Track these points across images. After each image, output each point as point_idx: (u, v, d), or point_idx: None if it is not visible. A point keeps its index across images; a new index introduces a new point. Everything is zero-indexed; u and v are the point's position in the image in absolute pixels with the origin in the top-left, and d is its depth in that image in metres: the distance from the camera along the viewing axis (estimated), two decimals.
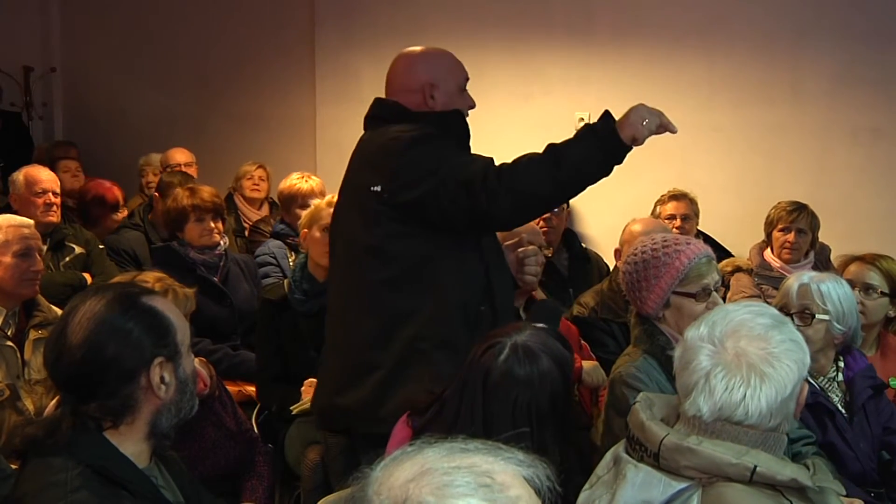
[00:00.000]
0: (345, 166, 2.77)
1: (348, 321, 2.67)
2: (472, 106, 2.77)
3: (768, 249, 4.27)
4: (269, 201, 5.56)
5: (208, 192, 4.00)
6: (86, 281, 4.12)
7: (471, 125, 2.75)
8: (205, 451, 2.77)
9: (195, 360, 1.94)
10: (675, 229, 4.27)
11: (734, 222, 4.87)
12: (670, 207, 4.45)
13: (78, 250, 4.26)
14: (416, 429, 2.22)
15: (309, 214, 3.49)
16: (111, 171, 5.86)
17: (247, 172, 5.45)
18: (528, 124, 5.23)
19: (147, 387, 1.73)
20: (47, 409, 2.59)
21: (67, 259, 4.22)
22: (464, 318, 2.57)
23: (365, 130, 2.76)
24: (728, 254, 4.57)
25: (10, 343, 2.99)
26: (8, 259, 3.04)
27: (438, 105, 2.67)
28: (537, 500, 1.16)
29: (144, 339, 1.72)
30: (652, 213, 4.43)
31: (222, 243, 3.99)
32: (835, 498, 1.81)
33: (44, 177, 4.30)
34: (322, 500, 2.26)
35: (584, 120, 5.26)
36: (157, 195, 4.93)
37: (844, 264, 3.36)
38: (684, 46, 5.11)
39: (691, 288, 2.49)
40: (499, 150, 2.69)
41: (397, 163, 2.53)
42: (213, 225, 3.91)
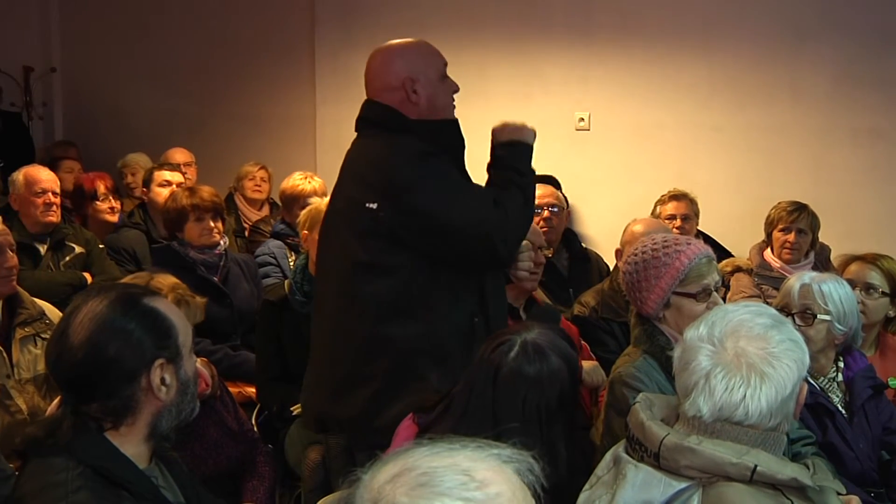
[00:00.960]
0: None
1: (340, 329, 2.62)
2: (455, 90, 2.70)
3: (768, 249, 4.27)
4: (270, 202, 5.56)
5: (208, 192, 4.00)
6: (86, 281, 4.11)
7: (470, 125, 2.72)
8: (206, 451, 2.77)
9: (197, 360, 1.94)
10: (676, 229, 4.27)
11: (734, 222, 4.88)
12: (670, 207, 4.45)
13: (78, 250, 4.25)
14: (422, 426, 2.22)
15: (309, 216, 3.48)
16: (111, 172, 5.85)
17: (248, 173, 5.45)
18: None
19: (148, 388, 1.73)
20: (49, 409, 2.58)
21: (68, 259, 4.21)
22: (457, 330, 2.55)
23: (357, 131, 2.72)
24: (728, 254, 4.57)
25: None
26: None
27: (422, 98, 2.61)
28: (525, 496, 1.15)
29: (145, 340, 1.72)
30: (652, 213, 4.43)
31: (222, 243, 3.98)
32: (834, 497, 1.81)
33: (43, 177, 4.28)
34: (322, 501, 2.27)
35: (583, 120, 5.28)
36: (145, 190, 5.00)
37: (844, 264, 3.36)
38: (684, 46, 5.12)
39: (691, 288, 2.49)
40: None
41: (395, 190, 2.50)
42: (212, 224, 3.91)
